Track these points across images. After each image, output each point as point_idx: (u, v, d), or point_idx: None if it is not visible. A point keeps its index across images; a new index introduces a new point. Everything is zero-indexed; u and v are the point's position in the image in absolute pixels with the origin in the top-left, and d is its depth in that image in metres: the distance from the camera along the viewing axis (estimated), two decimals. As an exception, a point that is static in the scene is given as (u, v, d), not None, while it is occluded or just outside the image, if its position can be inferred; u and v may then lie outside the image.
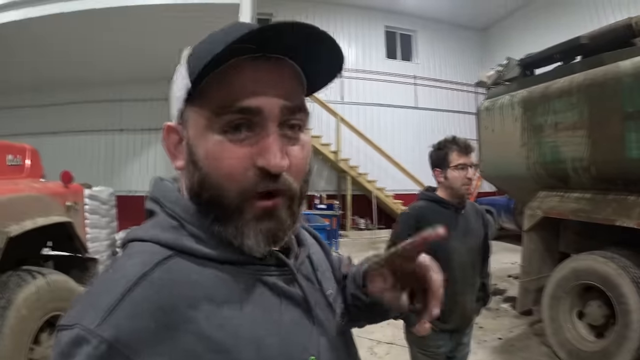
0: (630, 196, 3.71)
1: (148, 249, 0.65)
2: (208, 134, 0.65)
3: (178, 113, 0.71)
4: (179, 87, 0.69)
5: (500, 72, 5.44)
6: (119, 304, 0.56)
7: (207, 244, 0.67)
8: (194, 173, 0.67)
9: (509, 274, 7.67)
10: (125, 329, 0.55)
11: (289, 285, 0.74)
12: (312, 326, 0.75)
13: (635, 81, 3.47)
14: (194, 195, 0.69)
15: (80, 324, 0.55)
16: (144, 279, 0.59)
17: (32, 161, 4.20)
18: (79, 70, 11.44)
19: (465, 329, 2.54)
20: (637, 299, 3.46)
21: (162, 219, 0.71)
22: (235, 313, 0.64)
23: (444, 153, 2.45)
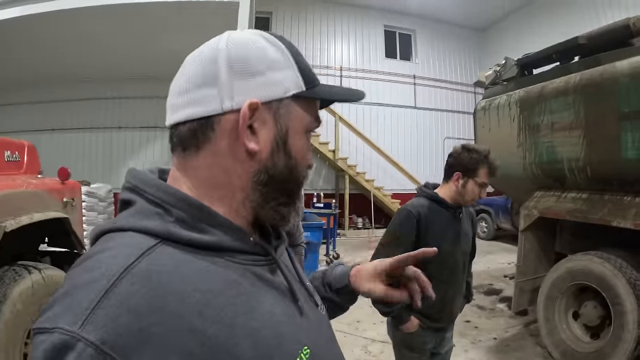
0: (626, 197, 3.70)
1: (130, 239, 0.61)
2: (303, 133, 0.76)
3: (268, 97, 0.70)
4: (281, 77, 0.71)
5: (498, 72, 5.44)
6: (101, 301, 0.52)
7: (196, 229, 0.65)
8: (283, 160, 0.73)
9: (505, 274, 7.68)
10: (112, 330, 0.50)
11: (273, 275, 0.75)
12: (300, 317, 0.75)
13: (632, 81, 3.46)
14: (278, 180, 0.73)
15: (59, 326, 0.51)
16: (128, 272, 0.55)
17: (30, 157, 4.19)
18: (77, 68, 11.44)
19: (449, 326, 2.57)
20: (633, 300, 3.46)
21: (143, 207, 0.66)
22: (227, 305, 0.61)
23: (475, 164, 2.37)
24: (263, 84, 0.69)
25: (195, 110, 0.69)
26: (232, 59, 0.69)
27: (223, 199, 0.71)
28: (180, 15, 8.01)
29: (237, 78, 0.68)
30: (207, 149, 0.70)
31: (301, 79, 0.73)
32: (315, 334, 0.77)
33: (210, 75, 0.68)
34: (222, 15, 7.75)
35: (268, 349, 0.64)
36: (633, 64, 3.48)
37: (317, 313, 0.85)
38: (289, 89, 0.71)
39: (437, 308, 2.40)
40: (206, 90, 0.68)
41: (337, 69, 15.09)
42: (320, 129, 3.36)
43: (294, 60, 0.73)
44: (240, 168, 0.70)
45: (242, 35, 0.73)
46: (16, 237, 3.11)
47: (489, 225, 11.93)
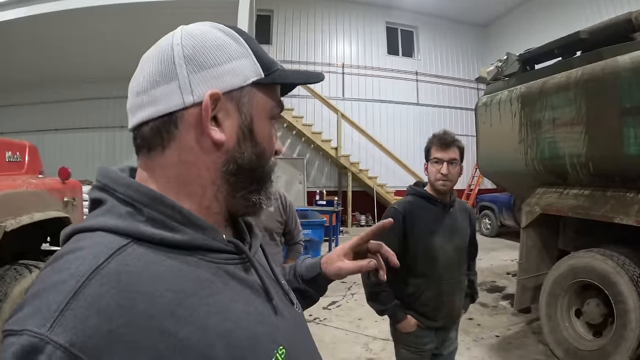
0: (629, 193, 3.66)
1: (99, 239, 0.60)
2: (267, 119, 0.76)
3: (228, 87, 0.69)
4: (238, 67, 0.71)
5: (499, 68, 5.41)
6: (69, 303, 0.51)
7: (168, 228, 0.64)
8: (250, 148, 0.73)
9: (507, 271, 7.66)
10: (81, 332, 0.49)
11: (247, 274, 0.74)
12: (275, 316, 0.74)
13: (634, 76, 3.41)
14: (247, 168, 0.73)
15: (28, 328, 0.50)
16: (97, 272, 0.54)
17: (31, 158, 4.21)
18: (79, 67, 11.49)
19: (451, 326, 2.52)
20: (636, 297, 3.42)
21: (113, 206, 0.65)
22: (200, 306, 0.60)
23: (427, 147, 2.44)
24: (221, 74, 0.69)
25: (156, 109, 0.68)
26: (188, 53, 0.68)
27: (193, 195, 0.70)
28: (180, 14, 7.98)
29: (195, 71, 0.67)
30: (173, 146, 0.69)
31: (259, 66, 0.73)
32: (290, 333, 0.76)
33: (167, 72, 0.68)
34: (222, 13, 7.75)
35: (242, 350, 0.63)
36: (635, 58, 3.43)
37: (292, 311, 0.85)
38: (248, 77, 0.71)
39: (432, 306, 2.38)
40: (165, 87, 0.67)
41: (339, 66, 15.08)
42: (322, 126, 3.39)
43: (250, 48, 0.73)
44: (208, 160, 0.70)
45: (196, 28, 0.72)
46: (17, 237, 3.13)
47: (492, 222, 11.92)
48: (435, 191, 2.41)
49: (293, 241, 3.40)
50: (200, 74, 0.68)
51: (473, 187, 15.27)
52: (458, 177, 2.39)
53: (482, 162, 5.57)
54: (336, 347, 4.66)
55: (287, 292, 0.88)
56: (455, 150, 2.35)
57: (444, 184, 2.34)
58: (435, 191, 2.41)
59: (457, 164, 2.36)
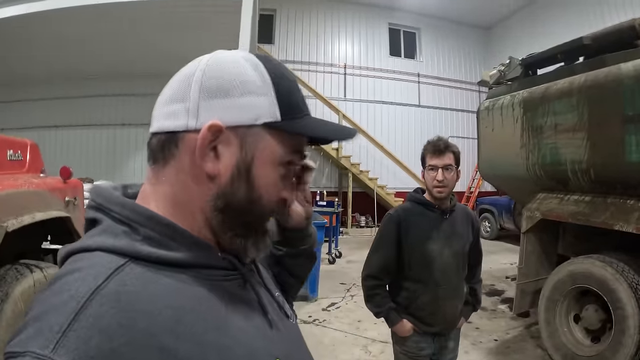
0: (630, 200, 3.67)
1: (97, 259, 0.60)
2: (276, 165, 0.71)
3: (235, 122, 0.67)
4: (252, 103, 0.68)
5: (502, 72, 5.41)
6: (72, 324, 0.51)
7: (164, 246, 0.64)
8: (244, 190, 0.69)
9: (506, 274, 7.68)
10: (84, 353, 0.50)
11: (243, 289, 0.75)
12: (271, 330, 0.75)
13: (637, 84, 3.42)
14: (234, 209, 0.70)
15: (31, 350, 0.50)
16: (97, 293, 0.54)
17: (32, 156, 4.20)
18: (81, 65, 11.51)
19: (449, 332, 2.52)
20: (634, 304, 3.43)
21: (109, 225, 0.66)
22: (199, 322, 0.61)
23: (422, 154, 2.45)
24: (232, 106, 0.67)
25: (165, 124, 0.69)
26: (205, 77, 0.68)
27: (186, 217, 0.69)
28: (183, 13, 8.02)
29: (206, 97, 0.67)
30: (172, 164, 0.69)
31: (277, 108, 0.70)
32: (286, 346, 0.77)
33: (183, 91, 0.68)
34: (225, 13, 7.76)
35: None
36: (638, 66, 3.43)
37: (287, 324, 0.85)
38: (260, 116, 0.68)
39: (428, 310, 2.39)
40: (177, 105, 0.68)
41: (341, 66, 15.09)
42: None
43: (273, 87, 0.70)
44: (199, 189, 0.69)
45: (224, 55, 0.72)
46: (18, 236, 3.12)
47: (492, 225, 11.94)
48: (433, 197, 2.42)
49: None
50: (210, 102, 0.67)
51: (473, 189, 15.26)
52: (455, 182, 2.40)
53: (483, 165, 5.58)
54: (335, 349, 4.67)
55: (282, 305, 0.88)
56: (449, 156, 2.35)
57: (441, 190, 2.35)
58: (433, 197, 2.42)
59: (453, 170, 2.36)
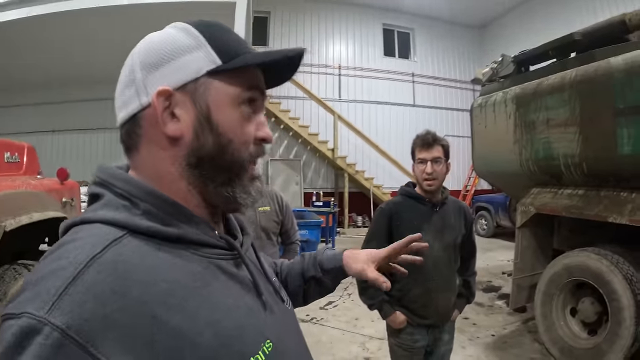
0: (623, 193, 3.69)
1: (97, 230, 0.62)
2: (234, 105, 0.73)
3: (180, 81, 0.70)
4: (190, 60, 0.71)
5: (494, 69, 5.45)
6: (67, 288, 0.53)
7: (163, 221, 0.67)
8: (211, 139, 0.71)
9: (503, 270, 7.70)
10: (77, 315, 0.51)
11: (238, 269, 0.77)
12: (264, 311, 0.76)
13: (627, 77, 3.45)
14: (208, 159, 0.71)
15: (27, 311, 0.52)
16: (94, 261, 0.56)
17: (29, 159, 4.23)
18: (78, 68, 11.49)
19: (443, 325, 2.53)
20: (630, 296, 3.46)
21: (111, 199, 0.68)
22: (191, 296, 0.63)
23: (412, 148, 2.48)
24: (172, 70, 0.70)
25: (124, 113, 0.72)
26: (142, 56, 0.71)
27: (170, 188, 0.71)
28: (178, 16, 7.91)
29: (148, 72, 0.70)
30: (143, 145, 0.72)
31: (215, 55, 0.72)
32: (279, 329, 0.78)
33: (128, 77, 0.72)
34: (220, 15, 7.75)
35: (229, 339, 0.65)
36: (628, 59, 3.46)
37: (282, 308, 0.87)
38: (201, 67, 0.71)
39: (420, 303, 2.41)
40: (127, 92, 0.72)
41: (335, 67, 15.10)
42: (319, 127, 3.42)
43: (206, 40, 0.72)
44: (170, 155, 0.71)
45: (155, 33, 0.75)
46: (16, 237, 3.15)
47: (488, 223, 11.97)
48: (424, 191, 2.45)
49: (289, 241, 3.43)
50: (153, 75, 0.70)
51: (469, 188, 15.31)
52: (445, 174, 2.42)
53: (477, 162, 5.60)
54: (333, 347, 4.68)
55: (278, 289, 0.91)
56: (438, 149, 2.38)
57: (430, 182, 2.38)
58: (424, 191, 2.45)
59: (442, 162, 2.39)
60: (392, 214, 2.44)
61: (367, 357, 4.45)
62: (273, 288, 0.88)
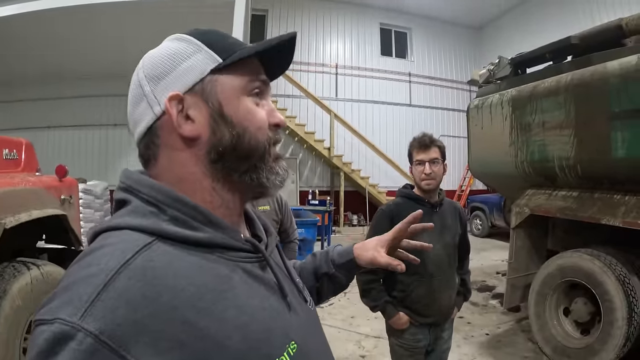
0: (616, 195, 3.74)
1: (126, 237, 0.64)
2: (243, 97, 0.76)
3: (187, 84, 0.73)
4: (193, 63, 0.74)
5: (491, 71, 5.48)
6: (100, 295, 0.54)
7: (190, 227, 0.68)
8: (227, 131, 0.74)
9: (497, 270, 7.75)
10: (110, 321, 0.53)
11: (263, 272, 0.78)
12: (289, 312, 0.78)
13: (622, 82, 3.49)
14: (229, 151, 0.74)
15: (60, 317, 0.53)
16: (125, 267, 0.58)
17: (27, 155, 4.21)
18: (74, 65, 11.47)
19: (444, 323, 2.58)
20: (622, 296, 3.51)
21: (138, 206, 0.70)
22: (219, 300, 0.64)
23: (409, 150, 2.53)
24: (177, 76, 0.73)
25: (140, 128, 0.75)
26: (146, 71, 0.75)
27: (194, 191, 0.74)
28: (176, 13, 8.02)
29: (155, 84, 0.74)
30: (162, 154, 0.75)
31: (214, 54, 0.75)
32: (303, 330, 0.80)
33: (137, 94, 0.76)
34: (217, 13, 7.79)
35: (257, 342, 0.66)
36: (623, 64, 3.50)
37: (306, 309, 0.89)
38: (204, 68, 0.74)
39: (424, 302, 2.45)
40: (139, 107, 0.75)
41: (332, 66, 15.12)
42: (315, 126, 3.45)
43: (202, 42, 0.76)
44: (192, 155, 0.74)
45: (154, 49, 0.79)
46: (15, 234, 3.14)
47: (483, 223, 12.02)
48: (422, 191, 2.50)
49: (288, 239, 3.46)
50: (160, 85, 0.73)
51: (464, 188, 15.36)
52: (442, 175, 2.48)
53: (473, 163, 5.64)
54: (330, 345, 4.70)
55: (302, 290, 0.93)
56: (435, 150, 2.44)
57: (429, 183, 2.43)
58: (422, 191, 2.50)
59: (439, 163, 2.45)
60: (394, 215, 2.46)
61: (363, 355, 4.49)
62: (297, 289, 0.90)
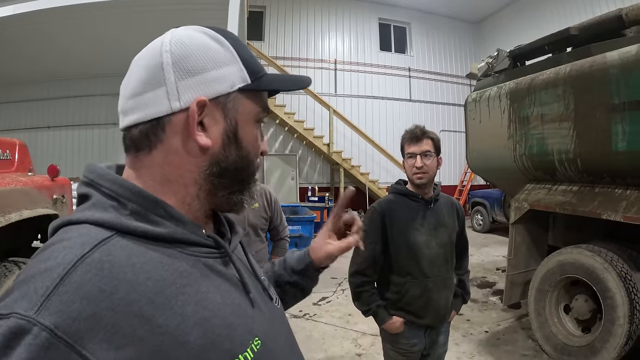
0: (617, 189, 3.67)
1: (85, 231, 0.63)
2: (253, 123, 0.78)
3: (214, 93, 0.72)
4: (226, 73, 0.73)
5: (490, 64, 5.41)
6: (56, 288, 0.54)
7: (150, 221, 0.68)
8: (234, 151, 0.75)
9: (497, 266, 7.71)
10: (65, 315, 0.52)
11: (226, 267, 0.77)
12: (252, 309, 0.77)
13: (622, 72, 3.41)
14: (231, 171, 0.76)
15: (15, 312, 0.52)
16: (82, 261, 0.57)
17: (20, 155, 4.23)
18: (71, 64, 11.49)
19: (440, 325, 2.49)
20: (624, 293, 3.44)
21: (99, 200, 0.69)
22: (179, 295, 0.63)
23: (401, 144, 2.45)
24: (208, 81, 0.71)
25: (145, 113, 0.71)
26: (176, 59, 0.70)
27: (176, 193, 0.73)
28: (171, 10, 8.00)
29: (182, 77, 0.70)
30: (160, 148, 0.72)
31: (246, 73, 0.75)
32: (267, 326, 0.79)
33: (156, 78, 0.70)
34: (212, 10, 7.75)
35: (218, 337, 0.66)
36: (623, 55, 3.42)
37: (271, 306, 0.88)
38: (234, 83, 0.74)
39: (419, 304, 2.36)
40: (154, 92, 0.70)
41: (331, 62, 15.07)
42: (314, 122, 3.41)
43: (237, 54, 0.75)
44: (192, 163, 0.73)
45: (184, 34, 0.74)
46: (6, 234, 3.14)
47: (484, 218, 11.99)
48: (415, 186, 2.41)
49: (278, 237, 3.41)
50: (187, 81, 0.70)
51: (465, 183, 15.32)
52: (436, 169, 2.38)
53: (471, 157, 5.58)
54: (325, 343, 4.68)
55: (267, 287, 0.92)
56: (428, 142, 2.35)
57: (420, 176, 2.33)
58: (415, 186, 2.41)
59: (432, 156, 2.35)
60: (385, 212, 2.38)
61: (359, 353, 4.44)
62: (262, 286, 0.90)
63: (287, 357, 0.85)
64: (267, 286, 0.93)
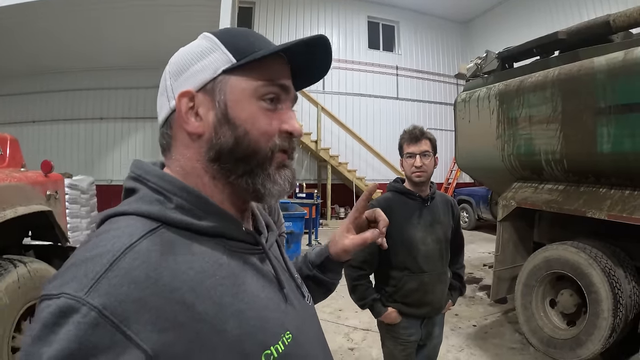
0: (602, 188, 3.80)
1: (133, 222, 0.67)
2: (252, 100, 0.76)
3: (200, 82, 0.75)
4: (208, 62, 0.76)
5: (478, 65, 5.50)
6: (105, 273, 0.57)
7: (194, 215, 0.72)
8: (228, 132, 0.75)
9: (484, 263, 7.82)
10: (113, 298, 0.55)
11: (262, 264, 0.82)
12: (285, 304, 0.81)
13: (609, 78, 3.53)
14: (226, 152, 0.75)
15: (66, 292, 0.55)
16: (130, 249, 0.61)
17: (12, 150, 4.15)
18: (58, 59, 11.34)
19: (435, 317, 2.60)
20: (607, 288, 3.57)
21: (145, 194, 0.73)
22: (217, 286, 0.67)
23: (399, 143, 2.52)
24: (193, 74, 0.76)
25: (160, 118, 0.81)
26: (170, 66, 0.80)
27: (196, 184, 0.76)
28: (162, 5, 7.96)
29: (175, 79, 0.78)
30: (173, 145, 0.79)
31: (230, 54, 0.76)
32: (299, 321, 0.82)
33: (162, 86, 0.80)
34: (204, 5, 7.73)
35: (252, 328, 0.69)
36: (610, 60, 3.53)
37: (303, 303, 0.91)
38: (217, 67, 0.76)
39: (415, 297, 2.46)
40: (162, 98, 0.80)
41: (319, 59, 15.05)
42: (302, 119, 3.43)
43: (220, 42, 0.78)
44: (195, 152, 0.77)
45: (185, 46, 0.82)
46: (1, 231, 3.11)
47: (470, 215, 12.11)
48: (413, 185, 2.50)
49: None
50: (178, 81, 0.77)
51: (451, 181, 15.46)
52: (433, 168, 2.47)
53: (460, 157, 5.67)
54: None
55: (300, 285, 0.95)
56: (426, 142, 2.44)
57: (419, 175, 2.42)
58: (413, 185, 2.50)
59: (430, 156, 2.44)
60: (383, 210, 2.45)
61: (352, 347, 4.49)
62: (295, 284, 0.93)
63: (316, 352, 0.87)
64: (300, 284, 0.96)
